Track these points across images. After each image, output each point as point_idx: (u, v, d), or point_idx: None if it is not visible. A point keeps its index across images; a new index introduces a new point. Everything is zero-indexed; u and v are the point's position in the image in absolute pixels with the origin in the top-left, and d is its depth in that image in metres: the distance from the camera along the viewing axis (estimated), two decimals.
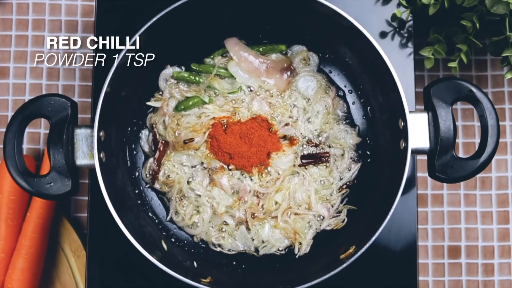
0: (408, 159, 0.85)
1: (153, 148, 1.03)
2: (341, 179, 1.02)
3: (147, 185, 1.03)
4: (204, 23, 0.99)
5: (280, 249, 1.01)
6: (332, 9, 0.89)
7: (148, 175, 1.03)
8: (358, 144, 1.03)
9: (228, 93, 1.03)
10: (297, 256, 1.00)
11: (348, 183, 1.02)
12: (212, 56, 1.05)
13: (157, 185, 1.02)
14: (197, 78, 1.03)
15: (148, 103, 1.04)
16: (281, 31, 1.04)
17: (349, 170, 1.02)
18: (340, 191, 1.02)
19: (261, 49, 1.05)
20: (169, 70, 1.04)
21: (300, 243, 1.00)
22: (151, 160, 1.03)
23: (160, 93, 1.04)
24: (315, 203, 1.01)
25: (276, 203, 1.00)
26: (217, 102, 1.03)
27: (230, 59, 1.03)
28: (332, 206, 1.02)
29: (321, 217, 1.01)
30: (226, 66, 1.04)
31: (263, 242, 1.01)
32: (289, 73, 1.04)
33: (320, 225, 1.01)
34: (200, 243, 1.02)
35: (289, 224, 1.00)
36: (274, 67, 1.03)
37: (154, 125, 1.03)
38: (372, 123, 1.04)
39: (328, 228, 1.01)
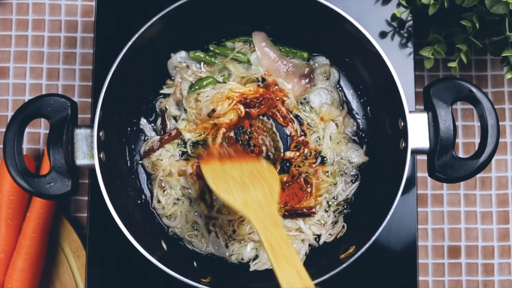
0: (408, 159, 0.85)
1: (162, 133, 1.02)
2: (335, 199, 1.00)
3: (139, 161, 1.02)
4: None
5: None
6: (332, 9, 0.89)
7: (145, 150, 1.02)
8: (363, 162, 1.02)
9: (242, 77, 1.02)
10: None
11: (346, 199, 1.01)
12: (233, 40, 1.03)
13: (146, 163, 1.01)
14: (213, 59, 1.02)
15: (162, 91, 1.03)
16: (282, 31, 1.04)
17: (344, 191, 1.00)
18: (336, 211, 1.00)
19: (283, 50, 1.04)
20: (176, 57, 1.03)
21: None
22: (156, 138, 1.02)
23: (172, 79, 1.03)
24: (306, 229, 0.98)
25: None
26: (231, 82, 1.02)
27: (253, 50, 1.03)
28: (325, 224, 1.00)
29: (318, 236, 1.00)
30: (245, 52, 1.03)
31: (242, 259, 0.99)
32: (308, 80, 1.03)
33: (318, 241, 0.99)
34: (175, 236, 1.00)
35: None
36: (294, 72, 1.02)
37: (164, 110, 1.02)
38: (372, 123, 1.04)
39: (328, 240, 0.99)
